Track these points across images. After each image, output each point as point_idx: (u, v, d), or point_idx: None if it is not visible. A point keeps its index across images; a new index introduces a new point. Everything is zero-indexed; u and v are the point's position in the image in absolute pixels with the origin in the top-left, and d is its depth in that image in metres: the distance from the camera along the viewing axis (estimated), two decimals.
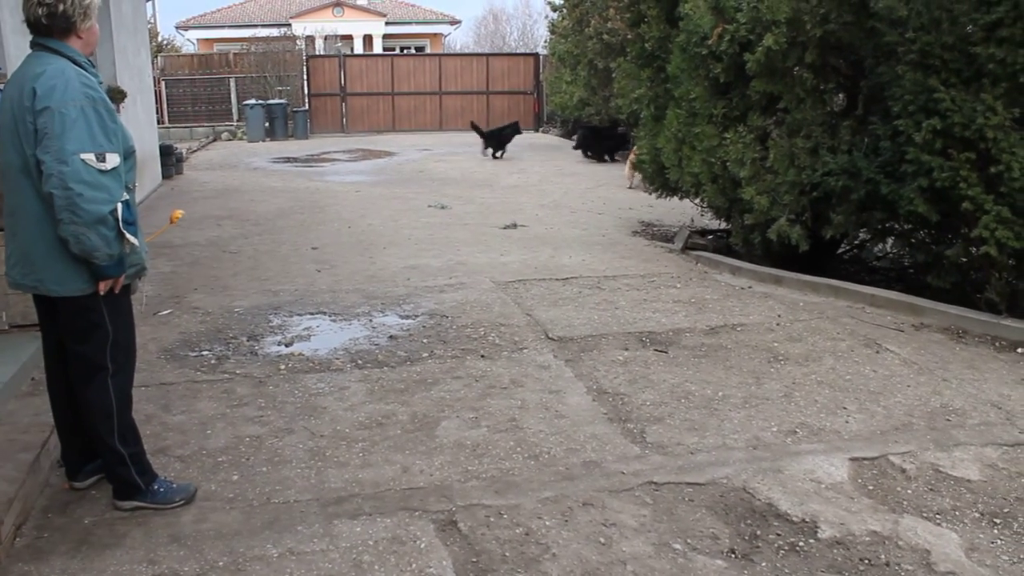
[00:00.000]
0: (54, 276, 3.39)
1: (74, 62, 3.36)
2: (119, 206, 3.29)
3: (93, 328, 3.51)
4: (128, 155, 3.49)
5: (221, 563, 3.32)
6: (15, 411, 4.78)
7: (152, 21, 26.01)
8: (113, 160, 3.29)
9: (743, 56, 7.29)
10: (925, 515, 3.68)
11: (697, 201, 9.21)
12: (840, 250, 8.45)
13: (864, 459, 4.20)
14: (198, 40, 37.50)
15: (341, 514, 3.68)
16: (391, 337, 6.07)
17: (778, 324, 6.32)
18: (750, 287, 7.46)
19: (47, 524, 3.62)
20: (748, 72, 7.32)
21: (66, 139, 3.18)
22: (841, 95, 7.50)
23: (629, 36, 9.81)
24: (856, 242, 8.31)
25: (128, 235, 3.35)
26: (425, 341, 5.98)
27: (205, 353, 5.76)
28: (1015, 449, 4.31)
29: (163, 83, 24.81)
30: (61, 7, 3.33)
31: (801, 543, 3.48)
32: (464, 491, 3.89)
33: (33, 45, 3.41)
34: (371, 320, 6.50)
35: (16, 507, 3.55)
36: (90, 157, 3.20)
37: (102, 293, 3.43)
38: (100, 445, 3.65)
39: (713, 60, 7.74)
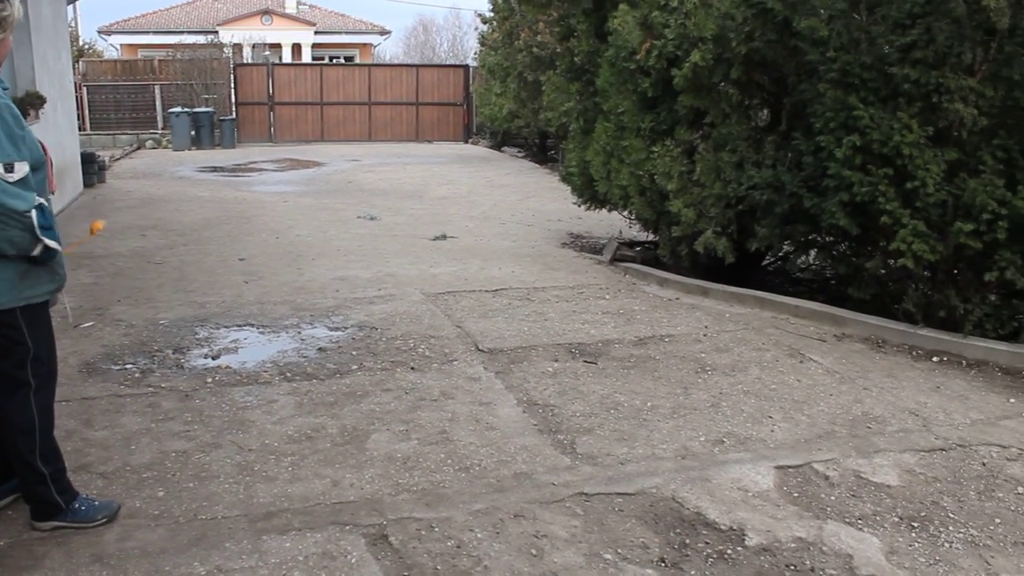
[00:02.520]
0: None
1: None
2: (34, 212, 3.18)
3: (12, 345, 3.40)
4: (38, 167, 3.35)
5: None
6: None
7: (73, 25, 25.43)
8: (21, 169, 3.18)
9: (670, 71, 7.42)
10: (847, 520, 3.78)
11: (625, 213, 9.32)
12: (765, 262, 8.64)
13: (789, 467, 4.30)
14: (121, 46, 36.70)
15: (270, 529, 3.63)
16: (320, 349, 6.02)
17: (705, 335, 6.42)
18: (678, 299, 7.57)
19: None
20: (675, 87, 7.45)
21: None
22: (765, 111, 7.68)
23: (559, 50, 9.93)
24: (780, 254, 8.51)
25: (47, 239, 3.24)
26: (354, 353, 5.94)
27: (129, 366, 5.63)
28: (931, 455, 4.45)
29: (85, 89, 24.14)
30: None
31: (729, 551, 3.54)
32: (395, 504, 3.86)
33: None
34: (300, 332, 6.43)
35: None
36: None
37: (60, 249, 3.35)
38: (19, 464, 3.54)
39: (641, 75, 7.87)
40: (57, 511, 3.57)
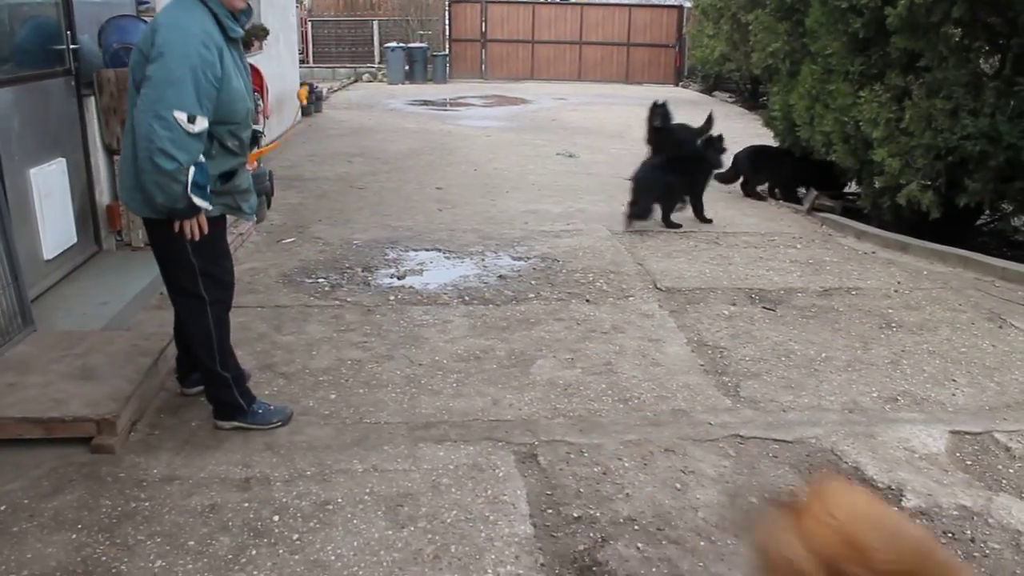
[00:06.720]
0: (140, 198, 3.48)
1: (212, 13, 3.37)
2: (191, 169, 3.29)
3: (181, 262, 3.58)
4: (244, 115, 3.54)
5: (309, 472, 3.50)
6: (142, 321, 5.11)
7: None
8: (201, 124, 3.28)
9: (884, 10, 6.96)
10: None
11: None
12: (980, 221, 8.04)
13: (966, 433, 4.06)
14: None
15: (427, 438, 3.81)
16: (500, 277, 6.17)
17: (896, 291, 6.10)
18: (873, 252, 7.20)
19: (159, 423, 3.89)
20: (889, 27, 6.99)
21: (165, 92, 3.20)
22: (990, 55, 7.07)
23: None
24: (997, 214, 7.89)
25: (195, 198, 3.32)
26: (533, 283, 6.05)
27: (320, 280, 5.99)
28: None
29: (309, 23, 25.39)
30: None
31: None
32: (549, 427, 3.96)
33: None
34: (483, 260, 6.61)
35: (132, 404, 3.82)
36: (182, 116, 3.21)
37: (176, 231, 3.44)
38: (203, 369, 3.84)
39: (853, 14, 7.42)
40: (238, 412, 3.85)
